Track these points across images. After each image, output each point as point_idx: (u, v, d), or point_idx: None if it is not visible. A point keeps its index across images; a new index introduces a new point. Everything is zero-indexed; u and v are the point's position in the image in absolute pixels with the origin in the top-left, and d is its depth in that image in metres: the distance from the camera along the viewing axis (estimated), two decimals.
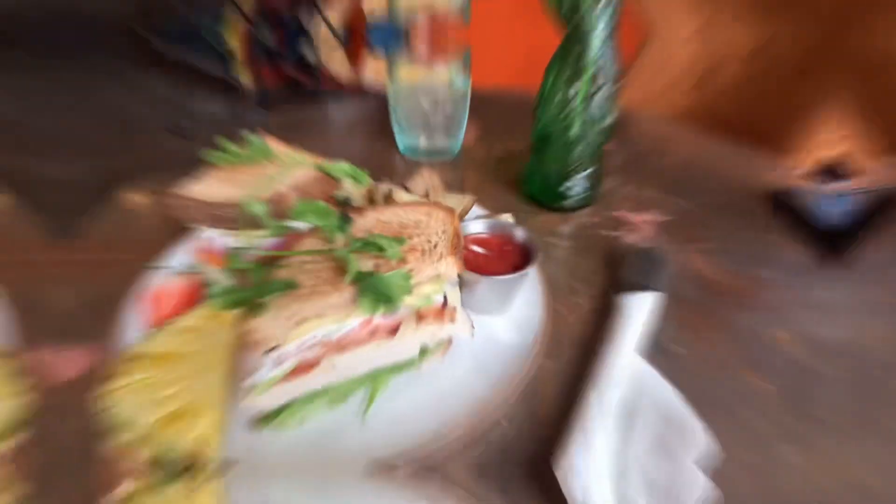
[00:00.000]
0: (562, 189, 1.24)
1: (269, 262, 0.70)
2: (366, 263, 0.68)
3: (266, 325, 0.60)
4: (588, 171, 1.22)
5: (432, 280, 0.71)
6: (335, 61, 4.98)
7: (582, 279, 1.07)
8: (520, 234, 0.94)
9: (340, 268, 0.67)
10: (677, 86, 2.48)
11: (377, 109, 2.01)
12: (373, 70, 4.67)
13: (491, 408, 0.73)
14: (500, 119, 1.84)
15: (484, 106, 1.87)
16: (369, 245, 0.67)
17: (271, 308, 0.61)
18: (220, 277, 0.91)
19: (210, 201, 0.80)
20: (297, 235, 0.85)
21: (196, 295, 0.90)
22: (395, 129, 1.53)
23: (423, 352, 0.79)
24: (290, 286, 0.62)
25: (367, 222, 0.77)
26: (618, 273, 1.07)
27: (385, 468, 0.65)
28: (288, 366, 0.66)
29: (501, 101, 2.04)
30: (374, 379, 0.77)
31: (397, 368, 0.79)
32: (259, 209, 0.67)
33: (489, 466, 0.71)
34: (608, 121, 1.12)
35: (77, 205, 1.23)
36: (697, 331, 0.94)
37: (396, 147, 1.64)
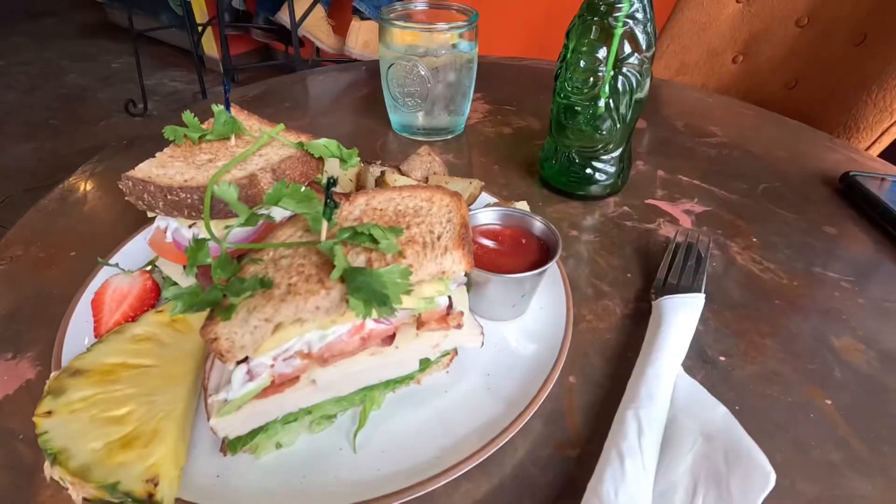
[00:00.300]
0: (586, 172, 1.21)
1: (239, 256, 0.67)
2: (356, 258, 0.64)
3: (235, 331, 0.57)
4: (617, 151, 1.19)
5: (435, 278, 0.68)
6: (314, 26, 4.93)
7: (611, 280, 1.04)
8: (538, 224, 0.91)
9: (325, 263, 0.63)
10: (717, 55, 2.46)
11: (366, 82, 1.98)
12: (359, 37, 4.63)
13: (504, 431, 0.70)
14: (509, 94, 1.81)
15: (490, 78, 1.84)
16: (360, 236, 0.64)
17: (241, 310, 0.57)
18: (178, 275, 0.87)
19: (168, 184, 0.76)
20: (272, 225, 0.82)
21: (150, 297, 0.87)
22: (389, 103, 1.50)
23: (424, 364, 0.76)
24: (263, 284, 0.58)
25: (356, 209, 0.74)
26: (654, 273, 1.04)
27: (372, 502, 0.62)
28: (261, 381, 0.63)
29: (511, 74, 2.01)
30: (366, 397, 0.74)
31: (393, 384, 0.76)
32: (228, 192, 0.64)
33: (497, 499, 0.68)
34: (642, 91, 1.09)
35: (13, 195, 1.19)
36: (748, 339, 0.91)
37: (389, 125, 1.60)
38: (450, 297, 0.73)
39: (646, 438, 0.70)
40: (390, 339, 0.71)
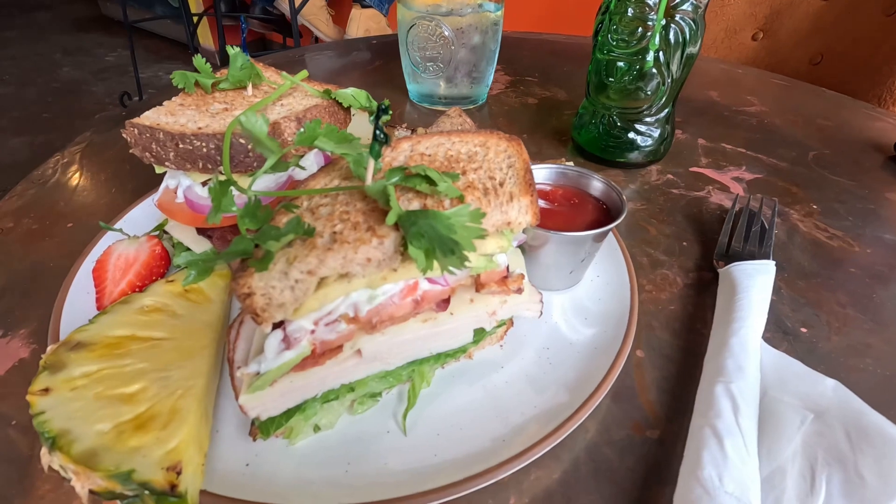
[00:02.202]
0: (628, 137, 1.11)
1: (271, 206, 0.56)
2: (408, 204, 0.54)
3: (273, 284, 0.46)
4: (663, 113, 1.09)
5: (500, 230, 0.58)
6: (313, 14, 4.80)
7: (666, 248, 0.94)
8: (595, 183, 0.80)
9: (374, 209, 0.53)
10: (736, 33, 2.36)
11: (372, 59, 1.85)
12: (359, 25, 4.51)
13: (575, 413, 0.59)
14: (529, 66, 1.70)
15: (509, 52, 1.74)
16: (413, 178, 0.54)
17: (279, 261, 0.47)
18: (191, 240, 0.77)
19: (179, 132, 0.66)
20: (297, 183, 0.72)
21: (159, 264, 0.76)
22: (407, 70, 1.39)
23: (479, 335, 0.66)
24: (304, 230, 0.48)
25: (400, 156, 0.63)
26: (712, 240, 0.94)
27: (431, 494, 0.51)
28: (300, 350, 0.52)
29: (529, 47, 1.90)
30: (414, 372, 0.63)
31: (443, 358, 0.65)
32: (256, 125, 0.53)
33: (573, 487, 0.58)
34: (695, 44, 0.99)
35: (7, 190, 1.08)
36: (827, 309, 0.81)
37: (406, 95, 1.48)
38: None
39: (743, 416, 0.59)
40: (445, 303, 0.60)
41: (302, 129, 0.58)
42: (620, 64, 1.04)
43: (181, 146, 0.67)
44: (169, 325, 0.65)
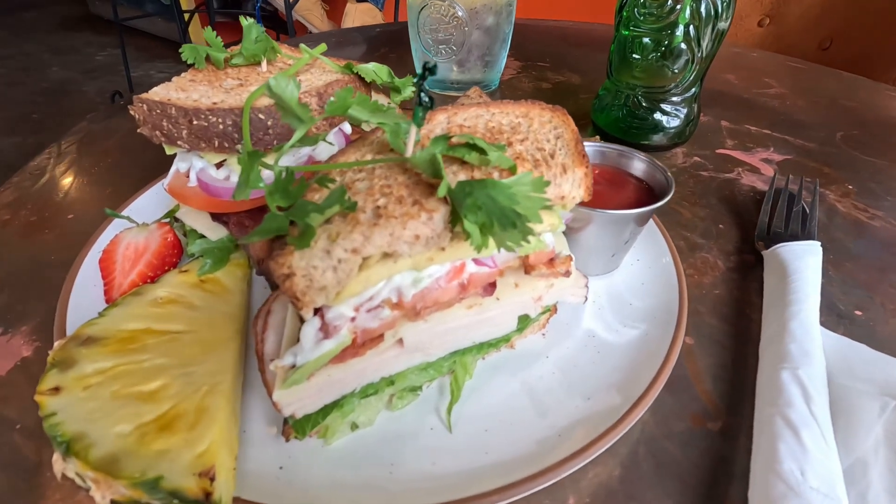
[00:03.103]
0: (654, 118, 1.06)
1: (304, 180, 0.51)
2: (453, 178, 0.49)
3: (315, 264, 0.41)
4: (691, 91, 1.04)
5: (552, 205, 0.52)
6: (307, 10, 4.73)
7: (703, 231, 0.89)
8: (637, 163, 0.75)
9: (417, 182, 0.47)
10: (742, 19, 2.32)
11: (380, 45, 1.79)
12: (354, 20, 4.45)
13: (629, 404, 0.54)
14: (539, 51, 1.65)
15: (516, 37, 1.69)
16: (459, 148, 0.48)
17: (320, 238, 0.41)
18: (205, 226, 0.71)
19: (193, 107, 0.60)
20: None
21: (171, 253, 0.70)
22: (418, 55, 1.34)
23: (523, 323, 0.61)
24: (346, 203, 0.42)
25: (436, 128, 0.58)
26: (749, 222, 0.90)
27: (488, 496, 0.46)
28: (340, 339, 0.47)
29: (537, 34, 1.85)
30: (456, 364, 0.58)
31: (486, 348, 0.60)
32: (287, 89, 0.47)
33: (635, 485, 0.53)
34: (727, 18, 0.94)
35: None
36: (881, 291, 0.77)
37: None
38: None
39: (815, 404, 0.55)
40: (491, 287, 0.55)
41: (332, 98, 0.53)
42: (646, 40, 0.99)
43: (195, 123, 0.62)
44: (186, 317, 0.59)
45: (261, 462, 0.50)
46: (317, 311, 0.47)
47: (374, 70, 0.75)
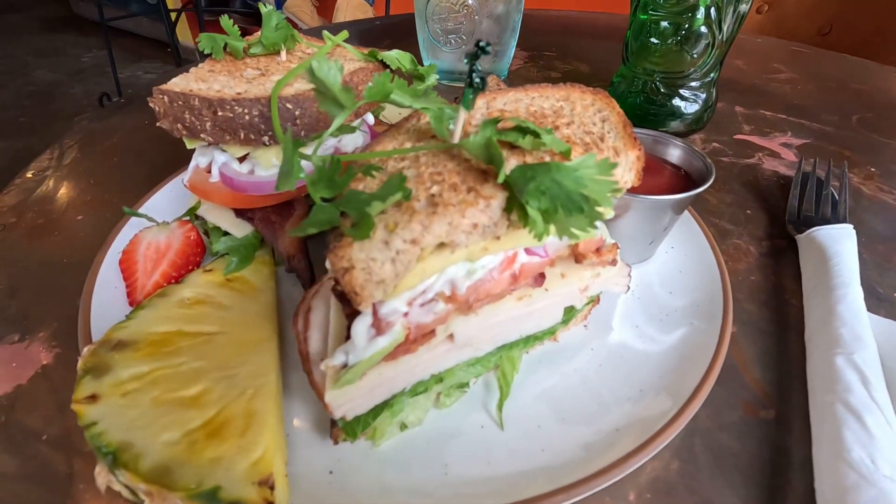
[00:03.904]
0: (672, 105, 1.04)
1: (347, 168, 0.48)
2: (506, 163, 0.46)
3: (374, 256, 0.38)
4: (710, 77, 1.02)
5: None
6: (297, 6, 4.67)
7: (731, 217, 0.87)
8: (674, 149, 0.73)
9: (469, 168, 0.45)
10: None
11: (383, 37, 1.76)
12: (346, 16, 4.40)
13: (684, 398, 0.52)
14: (544, 41, 1.63)
15: (522, 28, 1.67)
16: (509, 133, 0.46)
17: (378, 229, 0.39)
18: (229, 223, 0.68)
19: (217, 97, 0.57)
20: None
21: (195, 252, 0.67)
22: (426, 46, 1.31)
23: (568, 314, 0.59)
24: (406, 191, 0.40)
25: (476, 114, 0.55)
26: (777, 207, 0.88)
27: (553, 496, 0.44)
28: (395, 336, 0.45)
29: (537, 23, 1.83)
30: (503, 358, 0.56)
31: (532, 341, 0.58)
32: (330, 72, 0.44)
33: (695, 478, 0.51)
34: (746, 2, 0.92)
35: None
36: None
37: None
38: None
39: (875, 389, 0.53)
40: (541, 278, 0.53)
41: (370, 84, 0.50)
42: (665, 24, 0.97)
43: (220, 114, 0.59)
44: (218, 317, 0.57)
45: (310, 467, 0.47)
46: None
47: (398, 57, 0.72)
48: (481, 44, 0.43)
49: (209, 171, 0.67)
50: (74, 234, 0.83)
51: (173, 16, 4.69)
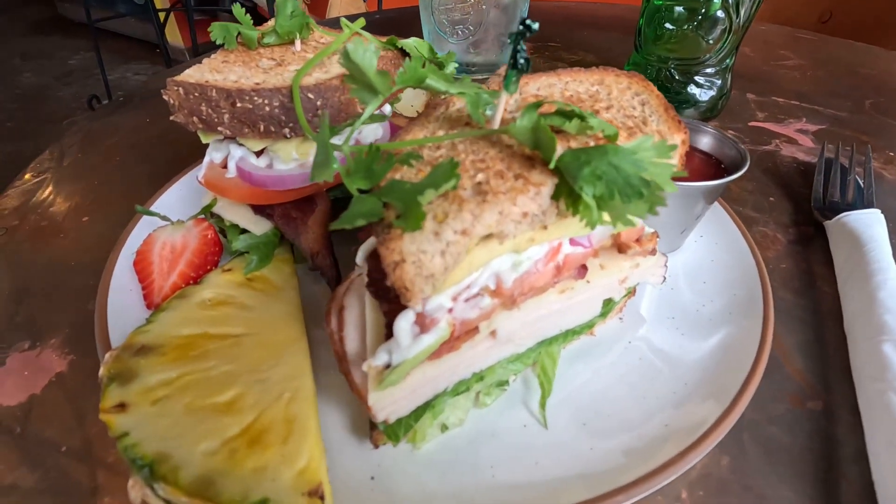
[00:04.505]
0: (687, 92, 1.03)
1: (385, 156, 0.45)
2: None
3: (424, 248, 0.36)
4: (726, 63, 1.01)
5: None
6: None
7: (754, 205, 0.86)
8: (705, 137, 0.71)
9: (512, 154, 0.43)
10: None
11: (385, 32, 1.70)
12: (340, 12, 4.36)
13: (734, 391, 0.50)
14: (547, 31, 1.60)
15: (530, 19, 1.65)
16: (552, 117, 0.44)
17: (427, 220, 0.36)
18: (248, 220, 0.66)
19: (236, 88, 0.54)
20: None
21: (213, 251, 0.64)
22: (431, 38, 1.28)
23: (607, 307, 0.57)
24: (454, 177, 0.37)
25: (510, 100, 0.53)
26: (800, 193, 0.86)
27: (610, 497, 0.42)
28: (440, 333, 0.42)
29: (536, 14, 1.81)
30: (542, 354, 0.53)
31: (570, 336, 0.56)
32: (365, 56, 0.42)
33: (747, 473, 0.49)
34: None
35: None
36: None
37: None
38: None
39: None
40: (584, 269, 0.51)
41: (402, 70, 0.48)
42: (680, 9, 0.95)
43: (238, 105, 0.56)
44: (242, 318, 0.54)
45: (351, 473, 0.45)
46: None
47: (416, 46, 0.70)
48: (527, 21, 0.41)
49: (224, 167, 0.64)
50: (81, 235, 0.80)
51: (162, 16, 4.63)
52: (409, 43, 0.70)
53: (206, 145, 0.66)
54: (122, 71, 5.49)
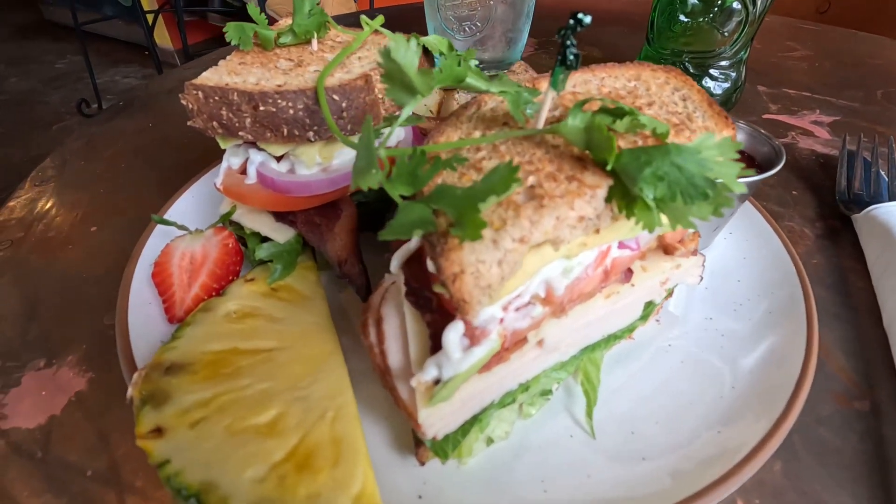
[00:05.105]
0: (703, 85, 1.01)
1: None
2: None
3: (483, 258, 0.33)
4: (740, 55, 0.99)
5: None
6: (279, 3, 4.57)
7: (777, 199, 0.84)
8: (738, 134, 0.70)
9: (560, 154, 0.41)
10: None
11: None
12: (332, 11, 4.30)
13: (787, 394, 0.49)
14: (549, 27, 1.59)
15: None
16: (602, 114, 0.42)
17: (489, 225, 0.34)
18: (270, 228, 0.63)
19: (258, 90, 0.52)
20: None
21: (234, 261, 0.62)
22: (437, 35, 1.26)
23: (647, 310, 0.55)
24: (514, 182, 0.35)
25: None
26: (822, 187, 0.85)
27: None
28: (491, 345, 0.40)
29: (545, 7, 1.78)
30: (585, 361, 0.52)
31: (612, 341, 0.54)
32: (407, 54, 0.39)
33: (802, 478, 0.48)
34: None
35: None
36: None
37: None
38: None
39: None
40: (630, 273, 0.49)
41: (438, 68, 0.45)
42: (695, 1, 0.93)
43: (261, 109, 0.54)
44: (272, 331, 0.52)
45: (397, 493, 0.42)
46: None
47: (436, 42, 0.67)
48: (579, 15, 0.39)
49: (243, 173, 0.62)
50: (90, 246, 0.77)
51: (150, 18, 4.56)
52: (431, 40, 0.67)
53: (214, 148, 0.63)
54: (111, 74, 5.42)
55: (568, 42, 0.39)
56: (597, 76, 0.54)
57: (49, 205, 0.86)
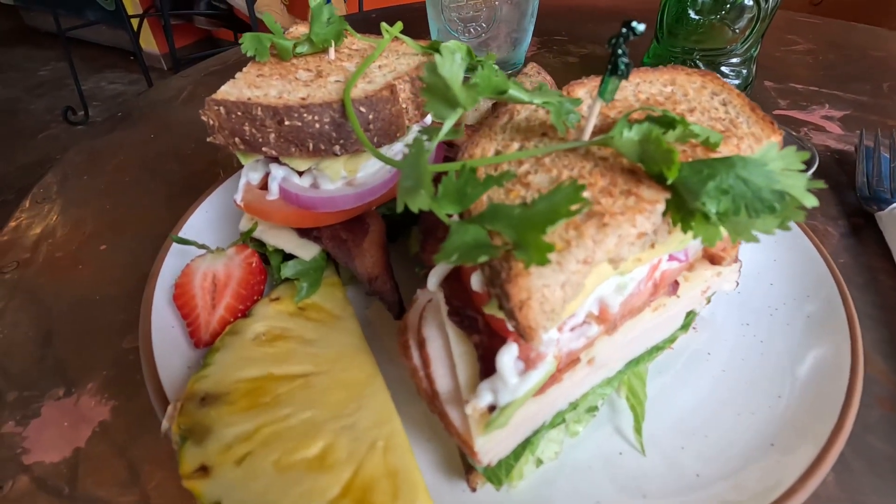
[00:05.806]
0: None
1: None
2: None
3: (547, 283, 0.32)
4: (751, 53, 0.98)
5: None
6: (266, 5, 4.53)
7: None
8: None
9: (611, 167, 0.39)
10: None
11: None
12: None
13: (836, 400, 0.48)
14: (552, 25, 1.57)
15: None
16: (651, 124, 0.40)
17: (555, 249, 0.33)
18: (294, 244, 0.61)
19: (283, 104, 0.50)
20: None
21: (258, 280, 0.60)
22: (438, 38, 1.24)
23: (688, 319, 0.54)
24: (580, 201, 0.33)
25: (581, 107, 0.49)
26: (840, 184, 0.85)
27: None
28: (547, 368, 0.39)
29: (549, 6, 1.76)
30: (629, 376, 0.50)
31: (655, 352, 0.53)
32: (452, 67, 0.38)
33: (857, 489, 0.47)
34: None
35: None
36: None
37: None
38: None
39: None
40: (676, 285, 0.48)
41: (474, 80, 0.44)
42: None
43: (286, 123, 0.52)
44: (306, 354, 0.50)
45: None
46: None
47: (457, 48, 0.66)
48: (633, 24, 0.37)
49: (263, 188, 0.60)
50: (102, 266, 0.74)
51: (135, 23, 4.48)
52: (451, 46, 0.65)
53: (220, 160, 0.62)
54: (96, 80, 5.33)
55: (619, 51, 0.38)
56: (631, 82, 0.52)
57: (54, 223, 0.84)
